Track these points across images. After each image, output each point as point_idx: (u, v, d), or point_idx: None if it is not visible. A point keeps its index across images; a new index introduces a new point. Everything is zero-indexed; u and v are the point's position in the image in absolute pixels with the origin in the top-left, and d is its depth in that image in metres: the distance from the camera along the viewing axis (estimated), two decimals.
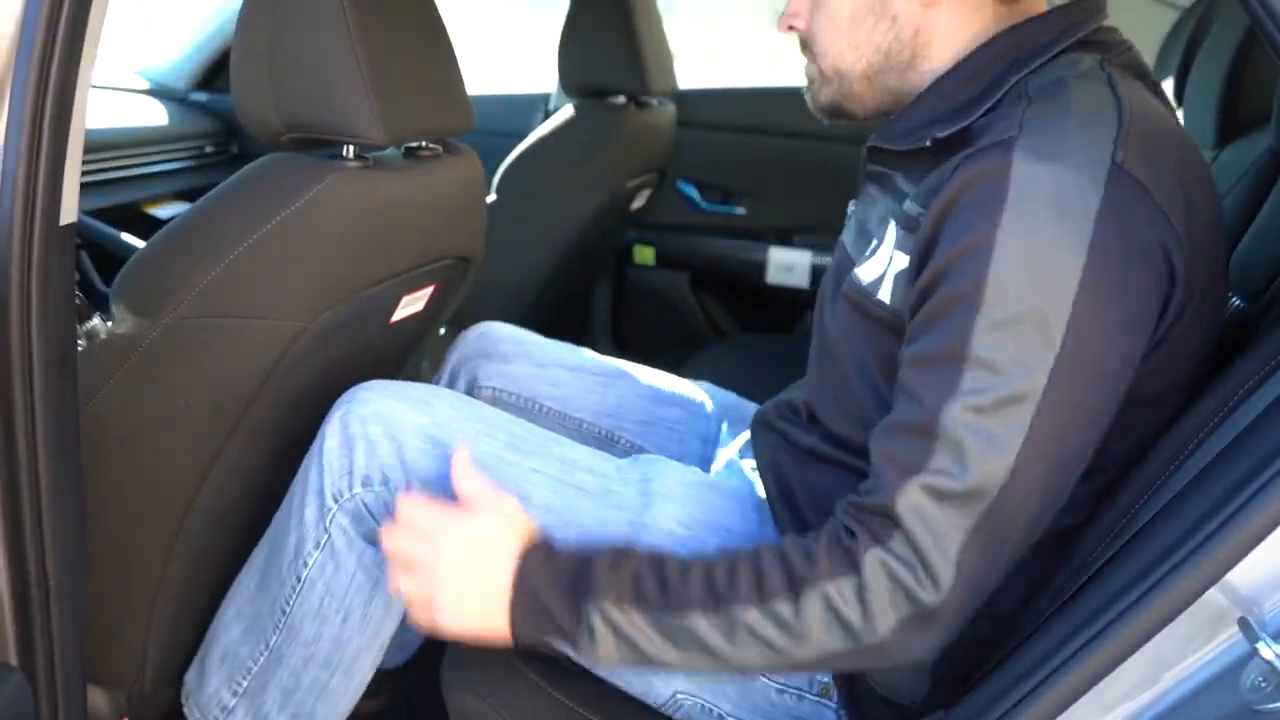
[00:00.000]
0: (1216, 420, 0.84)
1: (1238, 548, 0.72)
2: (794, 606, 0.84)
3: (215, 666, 1.17)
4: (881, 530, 0.83)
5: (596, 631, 0.88)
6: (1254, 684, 0.74)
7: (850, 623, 0.83)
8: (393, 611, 1.12)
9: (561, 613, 0.89)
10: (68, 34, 0.88)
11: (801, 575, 0.84)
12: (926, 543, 0.81)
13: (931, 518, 0.81)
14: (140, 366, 1.07)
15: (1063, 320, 0.80)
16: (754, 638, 0.85)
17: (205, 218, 1.08)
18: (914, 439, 0.83)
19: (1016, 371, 0.80)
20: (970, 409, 0.80)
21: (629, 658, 0.89)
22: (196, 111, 2.52)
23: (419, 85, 1.13)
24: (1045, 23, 0.94)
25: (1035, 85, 0.89)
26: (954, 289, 0.82)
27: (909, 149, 0.95)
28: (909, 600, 0.82)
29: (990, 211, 0.81)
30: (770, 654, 0.85)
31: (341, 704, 1.15)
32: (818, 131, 2.55)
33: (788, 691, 1.01)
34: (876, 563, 0.82)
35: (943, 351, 0.82)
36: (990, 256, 0.80)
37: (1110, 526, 0.87)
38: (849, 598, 0.83)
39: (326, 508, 1.07)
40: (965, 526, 0.81)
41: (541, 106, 2.72)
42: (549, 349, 1.36)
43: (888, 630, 0.83)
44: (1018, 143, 0.83)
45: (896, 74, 0.99)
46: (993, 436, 0.80)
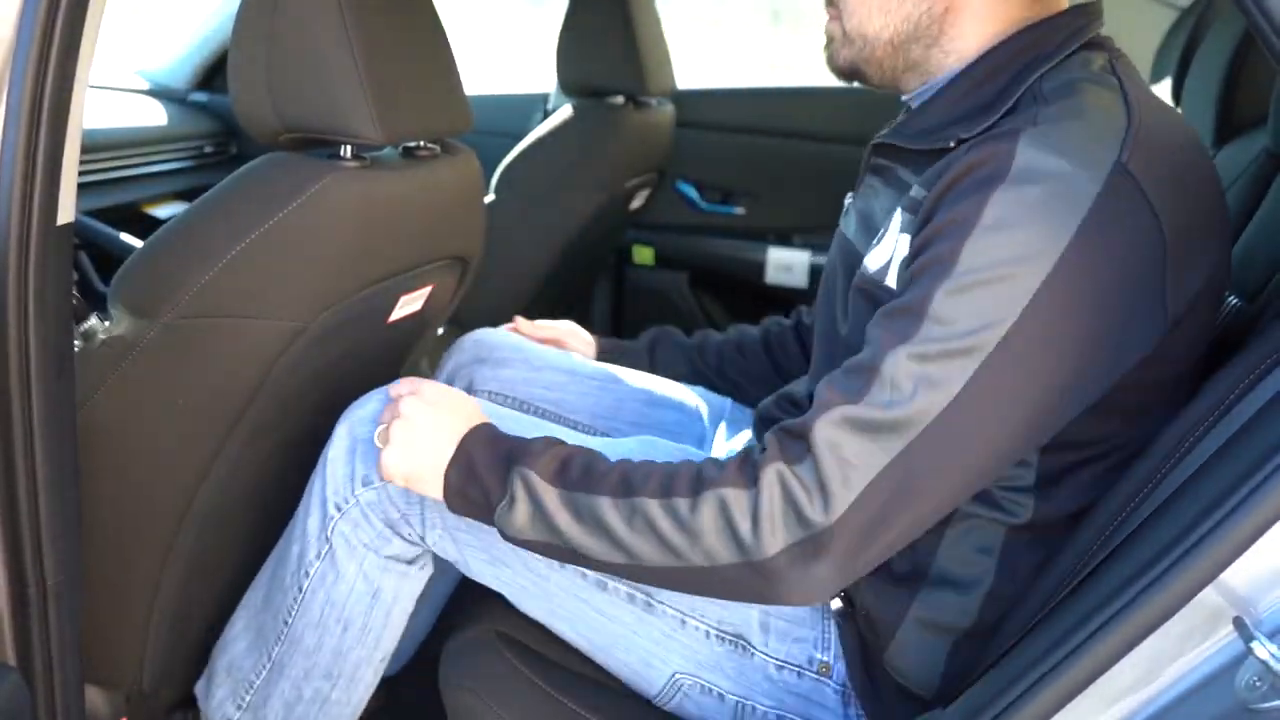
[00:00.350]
0: (1212, 419, 0.84)
1: (1233, 547, 0.72)
2: (691, 504, 0.86)
3: (222, 679, 1.18)
4: (793, 451, 0.85)
5: (516, 498, 0.92)
6: (1249, 683, 0.74)
7: (740, 532, 0.84)
8: (393, 623, 1.13)
9: (490, 479, 0.94)
10: (65, 32, 0.88)
11: (706, 479, 0.87)
12: (831, 469, 0.82)
13: (844, 446, 0.82)
14: (138, 366, 1.07)
15: (1028, 294, 0.81)
16: (651, 529, 0.88)
17: (203, 217, 1.08)
18: (856, 376, 0.85)
19: (969, 328, 0.81)
20: (915, 356, 0.82)
21: (539, 533, 0.92)
22: (195, 111, 2.52)
23: (417, 85, 1.14)
24: (1059, 23, 0.95)
25: (1049, 87, 0.89)
26: (932, 254, 0.84)
27: (926, 148, 0.95)
28: (799, 522, 0.83)
29: (985, 188, 0.83)
30: (665, 550, 0.87)
31: (343, 715, 1.15)
32: (817, 132, 2.58)
33: (786, 668, 1.02)
34: (775, 477, 0.84)
35: (906, 306, 0.84)
36: (973, 227, 0.82)
37: (1106, 524, 0.87)
38: (743, 508, 0.85)
39: (329, 517, 1.08)
40: (876, 465, 0.82)
41: (540, 106, 2.72)
42: (544, 353, 1.36)
43: (775, 550, 0.84)
44: (1027, 131, 0.85)
45: (922, 48, 0.98)
46: (929, 380, 0.81)
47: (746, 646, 1.02)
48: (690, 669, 1.03)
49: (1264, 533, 0.72)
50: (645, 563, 0.89)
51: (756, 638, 1.02)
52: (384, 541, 1.08)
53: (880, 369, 0.83)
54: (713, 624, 1.02)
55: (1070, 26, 0.94)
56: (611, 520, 0.89)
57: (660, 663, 1.04)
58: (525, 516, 0.92)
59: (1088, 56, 0.93)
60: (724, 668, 1.03)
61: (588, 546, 0.91)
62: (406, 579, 1.11)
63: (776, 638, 1.02)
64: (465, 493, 0.96)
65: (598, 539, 0.90)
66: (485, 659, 1.08)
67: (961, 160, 0.86)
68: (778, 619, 1.02)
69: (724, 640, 1.03)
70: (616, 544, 0.89)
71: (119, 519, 1.14)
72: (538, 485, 0.92)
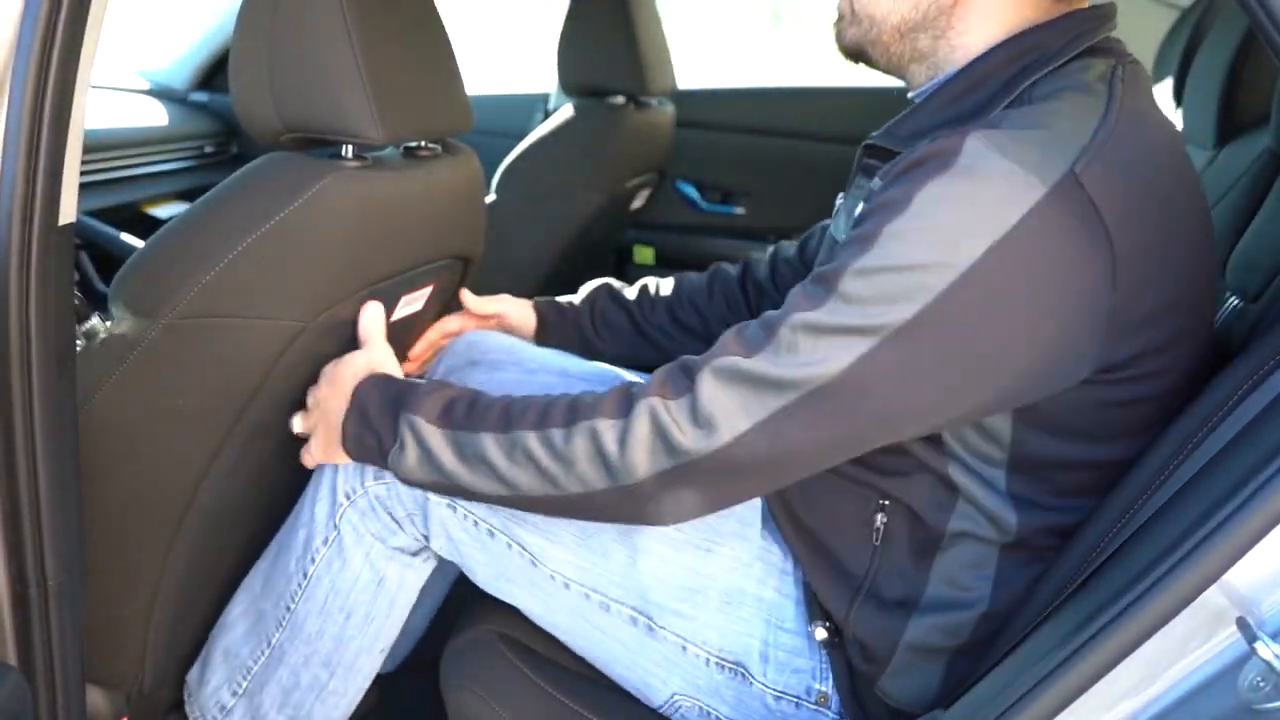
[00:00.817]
0: (1215, 419, 0.84)
1: (1236, 547, 0.72)
2: (565, 434, 0.89)
3: (217, 665, 1.17)
4: (675, 387, 0.87)
5: (405, 443, 0.96)
6: (1252, 684, 0.74)
7: (609, 457, 0.87)
8: (395, 613, 1.13)
9: (382, 426, 0.99)
10: (67, 32, 0.88)
11: (580, 409, 0.90)
12: (708, 410, 0.84)
13: (725, 392, 0.84)
14: (139, 366, 1.07)
15: (939, 288, 0.80)
16: (529, 459, 0.91)
17: (204, 217, 1.08)
18: (758, 330, 0.86)
19: (872, 312, 0.81)
20: (813, 325, 0.83)
21: (428, 474, 0.96)
22: (196, 111, 2.53)
23: (418, 85, 1.13)
24: (1064, 25, 0.92)
25: (1039, 92, 0.88)
26: (858, 230, 0.85)
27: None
28: (668, 450, 0.85)
29: (924, 177, 0.82)
30: (543, 479, 0.90)
31: (339, 707, 1.15)
32: (817, 132, 2.59)
33: (784, 698, 1.01)
34: (646, 410, 0.86)
35: (823, 275, 0.85)
36: (901, 211, 0.82)
37: (1109, 525, 0.87)
38: (613, 436, 0.87)
39: (338, 504, 1.08)
40: (753, 416, 0.84)
41: (541, 106, 2.72)
42: (537, 354, 1.36)
43: (644, 475, 0.86)
44: (980, 130, 0.83)
45: (930, 39, 0.97)
46: (820, 350, 0.82)
47: (746, 675, 1.02)
48: (690, 692, 1.03)
49: (1267, 533, 0.71)
50: (525, 492, 0.92)
51: (756, 667, 1.02)
52: (390, 532, 1.08)
53: (779, 329, 0.84)
54: (713, 651, 1.02)
55: (1075, 30, 0.92)
56: (493, 455, 0.92)
57: (660, 684, 1.04)
58: (414, 459, 0.96)
59: (1089, 62, 0.91)
60: (723, 694, 1.03)
61: (471, 482, 0.94)
62: (411, 569, 1.11)
63: (775, 668, 1.02)
64: (361, 439, 1.01)
65: (480, 475, 0.93)
66: (486, 658, 1.08)
67: (915, 153, 0.86)
68: (777, 649, 1.02)
69: (724, 668, 1.02)
70: (499, 478, 0.92)
71: (120, 518, 1.14)
72: (423, 428, 0.95)
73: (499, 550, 1.05)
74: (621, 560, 1.03)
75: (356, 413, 1.01)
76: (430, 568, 1.13)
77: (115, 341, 1.08)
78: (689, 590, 1.02)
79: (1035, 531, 0.93)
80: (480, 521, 1.05)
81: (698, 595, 1.02)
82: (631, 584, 1.03)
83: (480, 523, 1.05)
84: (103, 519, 1.12)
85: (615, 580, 1.03)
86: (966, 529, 0.94)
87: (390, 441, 0.98)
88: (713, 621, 1.02)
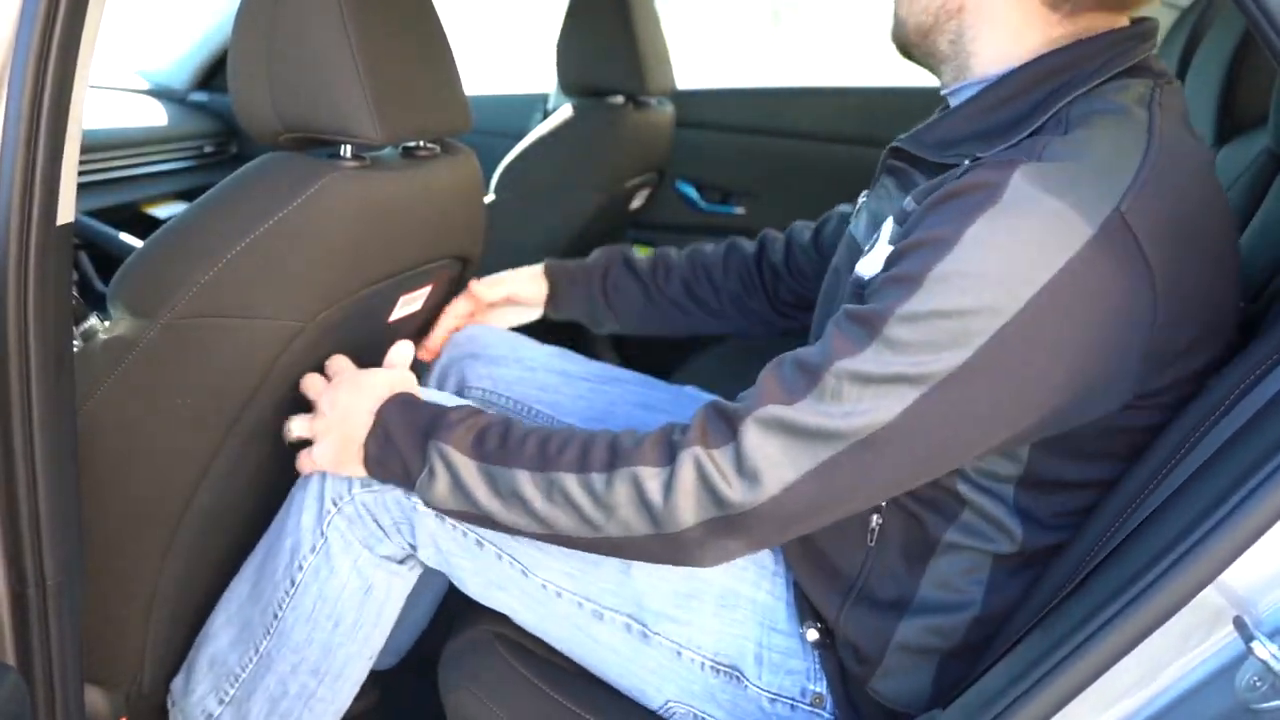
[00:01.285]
0: (1214, 418, 0.84)
1: (1233, 547, 0.72)
2: (605, 479, 0.88)
3: (203, 674, 1.17)
4: (717, 435, 0.86)
5: (436, 471, 0.95)
6: (1249, 683, 0.74)
7: (653, 505, 0.86)
8: (383, 621, 1.13)
9: (409, 451, 0.98)
10: (65, 32, 0.88)
11: (622, 455, 0.88)
12: (753, 463, 0.83)
13: (770, 444, 0.83)
14: (137, 366, 1.07)
15: (987, 334, 0.79)
16: (568, 502, 0.90)
17: (203, 217, 1.08)
18: (798, 375, 0.85)
19: (917, 357, 0.81)
20: (859, 374, 0.82)
21: (459, 504, 0.95)
22: (196, 111, 2.53)
23: (416, 85, 1.14)
24: (1101, 44, 0.91)
25: (1077, 113, 0.87)
26: (903, 269, 0.83)
27: (939, 161, 0.94)
28: (715, 502, 0.85)
29: (970, 212, 0.81)
30: (582, 522, 0.90)
31: (327, 715, 1.15)
32: (817, 132, 2.58)
33: (779, 701, 1.01)
34: (692, 461, 0.85)
35: (865, 316, 0.84)
36: (947, 252, 0.81)
37: (1107, 525, 0.87)
38: (657, 484, 0.86)
39: (325, 511, 1.08)
40: (800, 468, 0.83)
41: (540, 106, 2.72)
42: (539, 352, 1.36)
43: (688, 525, 0.86)
44: (1026, 164, 0.82)
45: (946, 42, 0.97)
46: (868, 400, 0.81)
47: (740, 678, 1.02)
48: (684, 698, 1.03)
49: (1264, 532, 0.72)
50: (563, 532, 0.91)
51: (750, 670, 1.02)
52: (377, 540, 1.08)
53: (823, 377, 0.83)
54: (708, 656, 1.02)
55: (1114, 50, 0.90)
56: (529, 493, 0.91)
57: (655, 691, 1.04)
58: (445, 488, 0.95)
59: (1126, 83, 0.89)
60: (718, 699, 1.03)
61: (506, 518, 0.93)
62: (398, 577, 1.11)
63: (770, 670, 1.02)
64: (384, 463, 1.00)
65: (515, 511, 0.92)
66: (484, 660, 1.08)
67: (956, 180, 0.85)
68: (771, 652, 1.02)
69: (719, 672, 1.02)
70: (534, 516, 0.92)
71: (119, 518, 1.14)
72: (454, 458, 0.94)
73: (489, 560, 1.05)
74: (615, 568, 1.03)
75: (380, 433, 1.00)
76: (416, 575, 1.13)
77: (114, 342, 1.08)
78: (684, 595, 1.02)
79: (1037, 544, 0.93)
80: (469, 532, 1.05)
81: (693, 600, 1.02)
82: (626, 591, 1.02)
83: (469, 533, 1.05)
84: (101, 519, 1.12)
85: (608, 588, 1.03)
86: (964, 537, 0.94)
87: (417, 468, 0.97)
88: (708, 625, 1.02)
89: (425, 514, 1.05)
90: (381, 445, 1.00)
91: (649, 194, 2.54)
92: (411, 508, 1.05)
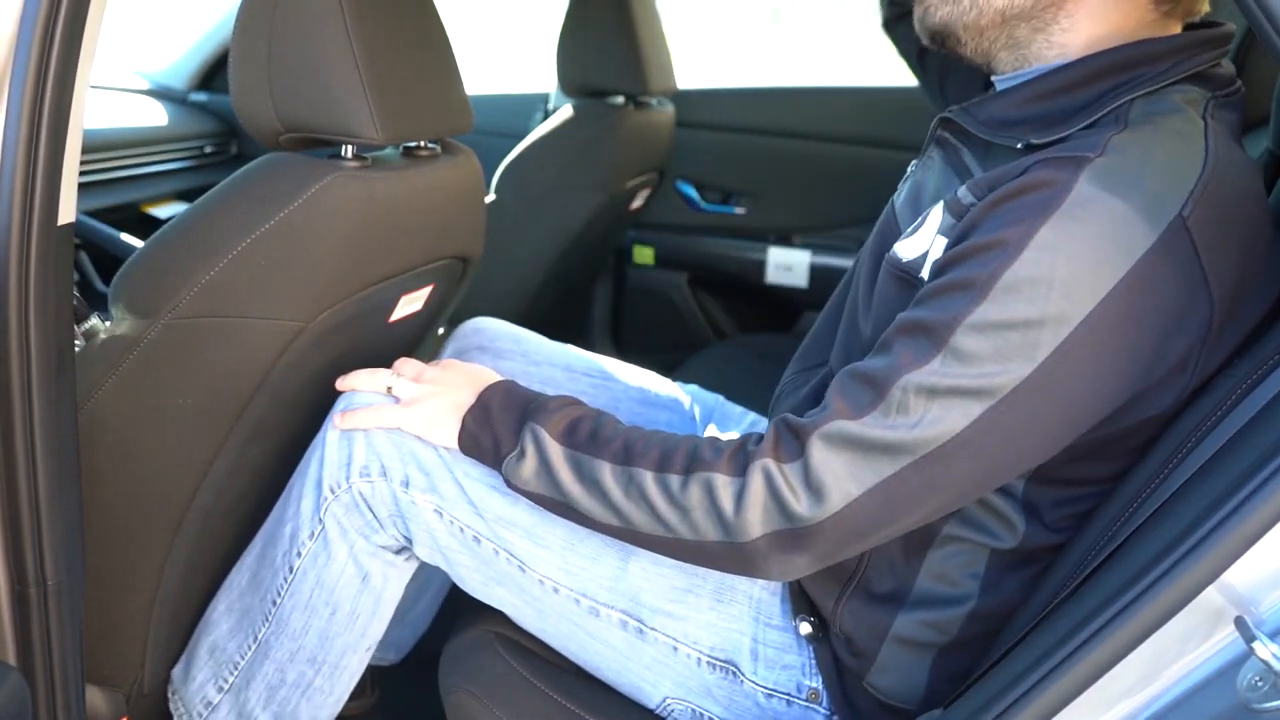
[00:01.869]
0: (1214, 419, 0.84)
1: (1235, 546, 0.72)
2: (682, 481, 0.89)
3: (202, 662, 1.17)
4: (788, 450, 0.86)
5: (526, 451, 0.97)
6: (1250, 683, 0.74)
7: (724, 515, 0.87)
8: (381, 611, 1.13)
9: (504, 430, 1.00)
10: (66, 32, 0.88)
11: (701, 460, 0.89)
12: (820, 477, 0.83)
13: (837, 458, 0.83)
14: (138, 366, 1.07)
15: (1054, 343, 0.79)
16: (644, 498, 0.91)
17: (203, 217, 1.08)
18: (864, 389, 0.85)
19: (987, 372, 0.80)
20: (926, 386, 0.82)
21: (542, 486, 0.97)
22: (196, 112, 2.53)
23: (417, 85, 1.14)
24: (1173, 46, 0.90)
25: (1136, 112, 0.86)
26: (968, 274, 0.82)
27: (991, 140, 0.93)
28: (783, 514, 0.85)
29: (1034, 216, 0.80)
30: (656, 520, 0.90)
31: (326, 705, 1.15)
32: (818, 132, 2.58)
33: (775, 696, 1.02)
34: (761, 472, 0.86)
35: (929, 326, 0.83)
36: (1015, 257, 0.80)
37: (1108, 525, 0.87)
38: (728, 493, 0.87)
39: (323, 498, 1.08)
40: (868, 482, 0.83)
41: (541, 106, 2.72)
42: (543, 347, 1.36)
43: (756, 535, 0.86)
44: (1091, 164, 0.81)
45: (1029, 30, 0.94)
46: (935, 413, 0.81)
47: (737, 673, 1.02)
48: (681, 694, 1.03)
49: (1265, 532, 0.72)
50: (638, 529, 0.92)
51: (746, 665, 1.02)
52: (373, 530, 1.08)
53: (889, 390, 0.83)
54: (705, 651, 1.03)
55: (1187, 53, 0.89)
56: (609, 484, 0.92)
57: (651, 687, 1.04)
58: (531, 469, 0.96)
59: (1188, 89, 0.89)
60: (715, 695, 1.03)
61: (586, 505, 0.94)
62: (394, 568, 1.11)
63: (765, 665, 1.02)
64: (478, 438, 1.01)
65: (595, 500, 0.93)
66: (484, 660, 1.08)
67: (1017, 178, 0.83)
68: (766, 646, 1.02)
69: (715, 667, 1.02)
70: (612, 507, 0.92)
71: (120, 518, 1.14)
72: (546, 441, 0.96)
73: (486, 556, 1.05)
74: (612, 564, 1.03)
75: (480, 409, 1.02)
76: (413, 567, 1.13)
77: (115, 341, 1.08)
78: (681, 590, 1.02)
79: (1036, 541, 0.93)
80: (466, 528, 1.05)
81: (689, 595, 1.02)
82: (623, 587, 1.03)
83: (466, 529, 1.05)
84: (102, 519, 1.12)
85: (605, 584, 1.03)
86: (964, 529, 0.94)
87: (509, 447, 0.98)
88: (704, 620, 1.02)
89: (421, 509, 1.05)
90: (479, 421, 1.02)
91: (649, 194, 2.54)
92: (409, 502, 1.05)
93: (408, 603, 1.37)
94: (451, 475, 1.04)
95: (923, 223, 0.93)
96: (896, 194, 1.06)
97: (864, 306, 1.00)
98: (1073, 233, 0.79)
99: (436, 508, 1.05)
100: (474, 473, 1.04)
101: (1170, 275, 0.80)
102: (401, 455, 1.05)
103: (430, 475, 1.04)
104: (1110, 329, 0.80)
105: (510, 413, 1.01)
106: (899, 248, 0.95)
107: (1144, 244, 0.79)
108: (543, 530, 1.03)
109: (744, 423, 1.32)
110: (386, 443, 1.05)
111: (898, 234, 0.98)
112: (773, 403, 1.17)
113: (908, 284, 0.93)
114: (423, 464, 1.04)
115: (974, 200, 0.88)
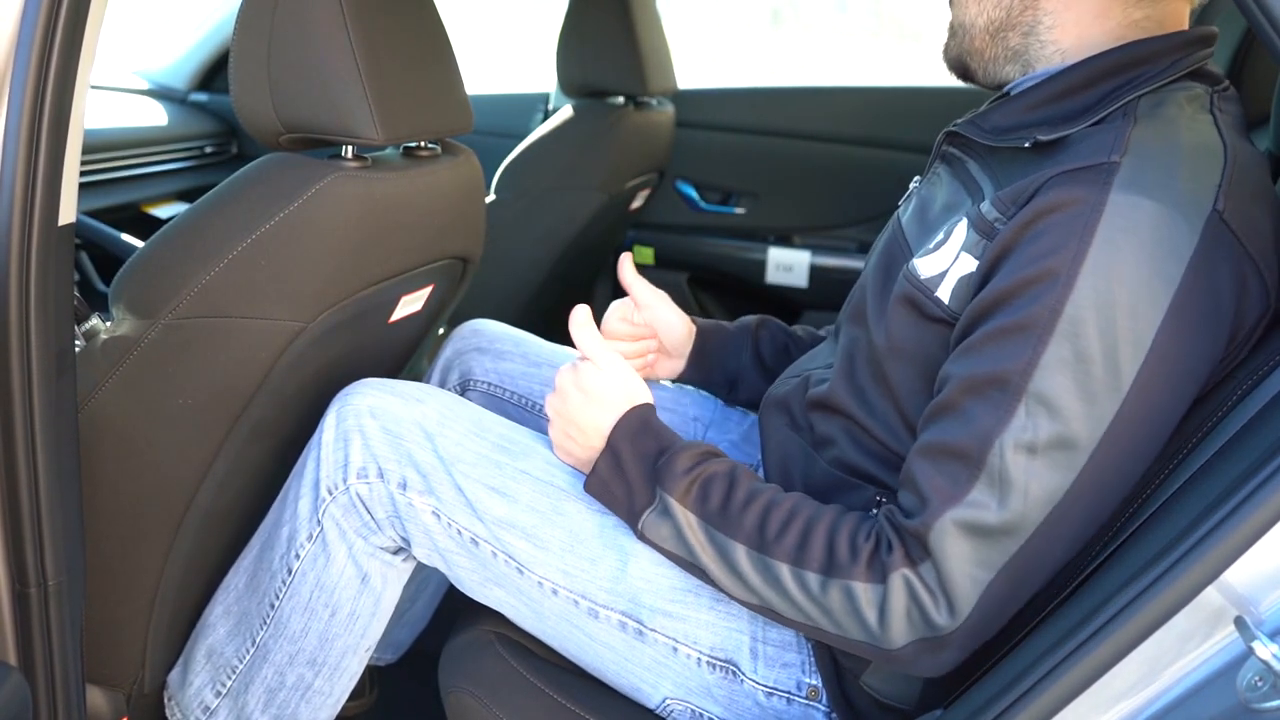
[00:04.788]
0: (1215, 419, 0.84)
1: (1235, 546, 0.72)
2: (821, 583, 0.88)
3: (200, 666, 1.17)
4: (915, 553, 0.85)
5: (660, 515, 0.96)
6: (1250, 683, 0.74)
7: (868, 623, 0.86)
8: (380, 612, 1.13)
9: (637, 487, 0.98)
10: (67, 33, 0.88)
11: (839, 564, 0.88)
12: (954, 576, 0.83)
13: (964, 553, 0.82)
14: (139, 366, 1.07)
15: (1134, 368, 0.79)
16: (782, 588, 0.90)
17: (204, 218, 1.08)
18: (958, 465, 0.83)
19: (1077, 415, 0.79)
20: (1022, 447, 0.80)
21: (678, 550, 0.96)
22: (196, 112, 2.53)
23: (417, 85, 1.14)
24: (1173, 42, 0.91)
25: (1144, 107, 0.87)
26: (1025, 314, 0.81)
27: (999, 146, 0.93)
28: (925, 623, 0.84)
29: (1077, 239, 0.79)
30: (796, 609, 0.90)
31: (325, 707, 1.15)
32: (817, 132, 2.59)
33: (775, 694, 1.02)
34: (902, 582, 0.85)
35: (1000, 377, 0.81)
36: (1071, 286, 0.79)
37: (1108, 525, 0.87)
38: (871, 602, 0.86)
39: (320, 500, 1.08)
40: (996, 564, 0.83)
41: (541, 106, 2.73)
42: (542, 348, 1.36)
43: (902, 644, 0.86)
44: (1119, 172, 0.81)
45: (1019, 35, 0.96)
46: (1040, 476, 0.80)
47: (737, 673, 1.02)
48: (681, 694, 1.03)
49: (1265, 532, 0.72)
50: (778, 612, 0.92)
51: (746, 664, 1.02)
52: (371, 531, 1.08)
53: (985, 461, 0.81)
54: (704, 651, 1.02)
55: (1184, 51, 0.91)
56: (745, 568, 0.92)
57: (651, 688, 1.04)
58: (668, 534, 0.96)
59: (1190, 85, 0.90)
60: (715, 694, 1.03)
61: (723, 582, 0.94)
62: (393, 568, 1.11)
63: (765, 664, 1.02)
64: (609, 488, 1.00)
65: (733, 581, 0.93)
66: (483, 660, 1.08)
67: (1048, 195, 0.83)
68: (766, 645, 1.02)
69: (715, 667, 1.02)
70: (750, 589, 0.92)
71: (120, 518, 1.14)
72: (677, 511, 0.95)
73: (484, 558, 1.05)
74: (611, 565, 1.03)
75: (610, 457, 1.00)
76: (411, 567, 1.13)
77: (115, 342, 1.08)
78: (681, 590, 1.02)
79: None
80: (464, 530, 1.04)
81: (688, 595, 1.02)
82: (622, 588, 1.03)
83: (464, 531, 1.04)
84: (103, 519, 1.12)
85: (604, 585, 1.03)
86: None
87: (642, 504, 0.97)
88: (704, 620, 1.02)
89: (419, 511, 1.05)
90: (609, 470, 1.00)
91: (649, 194, 2.54)
92: (407, 504, 1.05)
93: (406, 602, 1.36)
94: (450, 477, 1.04)
95: (945, 239, 0.93)
96: (900, 211, 1.06)
97: (876, 321, 1.00)
98: (1121, 249, 0.79)
99: (434, 509, 1.04)
100: (472, 474, 1.04)
101: (1220, 267, 0.81)
102: (398, 457, 1.05)
103: (427, 477, 1.04)
104: (1179, 337, 0.79)
105: (642, 468, 0.98)
106: (919, 264, 0.94)
107: (1189, 245, 0.79)
108: (541, 532, 1.03)
109: (744, 424, 1.32)
110: (383, 444, 1.05)
111: (906, 251, 0.98)
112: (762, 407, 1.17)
113: (917, 303, 0.92)
114: (420, 466, 1.04)
115: (999, 216, 0.87)
